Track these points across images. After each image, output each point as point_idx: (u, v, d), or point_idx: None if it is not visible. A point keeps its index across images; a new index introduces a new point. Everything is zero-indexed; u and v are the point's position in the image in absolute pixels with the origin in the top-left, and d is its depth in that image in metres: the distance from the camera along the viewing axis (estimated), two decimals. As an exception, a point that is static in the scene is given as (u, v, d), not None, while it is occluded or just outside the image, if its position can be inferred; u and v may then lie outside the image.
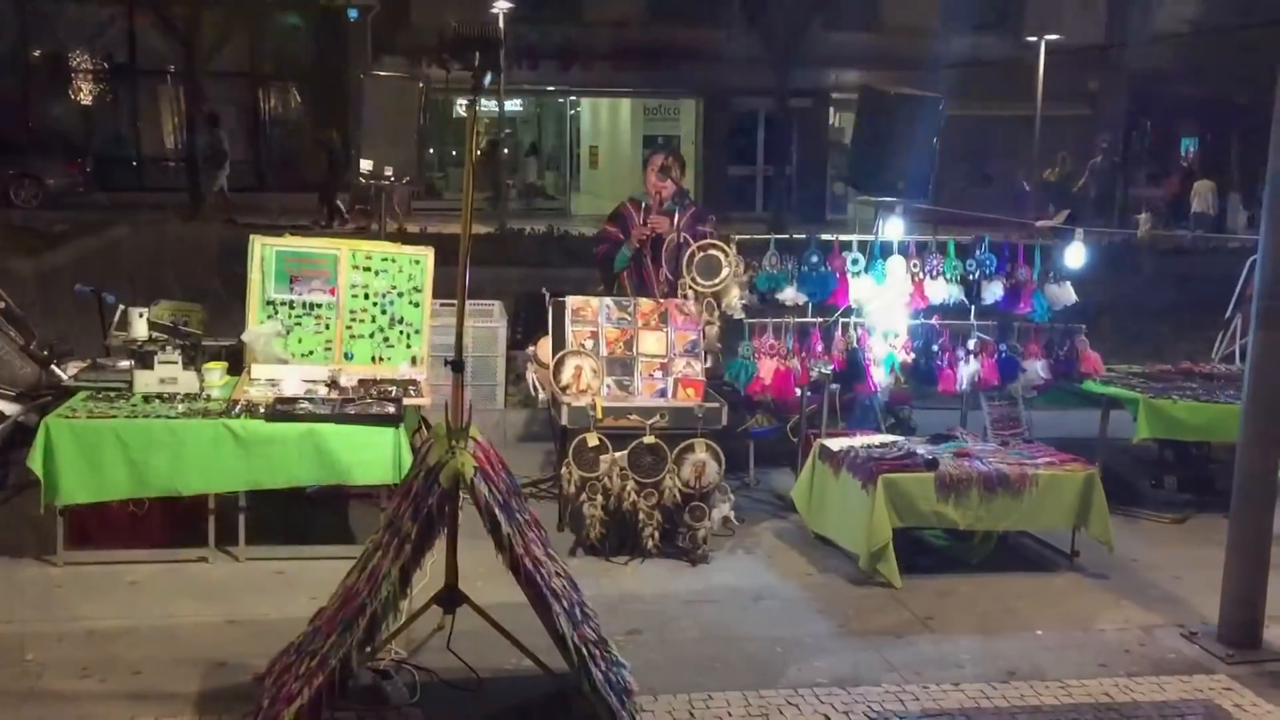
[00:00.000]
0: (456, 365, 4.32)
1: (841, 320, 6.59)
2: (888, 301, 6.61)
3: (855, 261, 6.64)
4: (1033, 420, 7.07)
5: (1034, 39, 27.01)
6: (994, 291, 6.75)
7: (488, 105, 30.47)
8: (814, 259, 6.62)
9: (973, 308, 6.78)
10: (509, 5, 24.10)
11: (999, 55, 27.77)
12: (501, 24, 24.33)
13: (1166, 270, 17.32)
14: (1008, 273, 6.77)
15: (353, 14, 26.19)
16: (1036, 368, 6.69)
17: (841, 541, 6.09)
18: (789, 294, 6.59)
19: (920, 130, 7.07)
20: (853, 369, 6.50)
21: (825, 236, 6.67)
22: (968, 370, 6.60)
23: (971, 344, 6.64)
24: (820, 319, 6.59)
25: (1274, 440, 5.14)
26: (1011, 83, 27.09)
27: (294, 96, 29.14)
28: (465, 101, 4.03)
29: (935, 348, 6.61)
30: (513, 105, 31.24)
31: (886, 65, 29.05)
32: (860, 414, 7.19)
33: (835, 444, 6.28)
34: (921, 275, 6.68)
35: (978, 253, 6.73)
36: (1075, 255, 6.99)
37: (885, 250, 6.69)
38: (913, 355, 6.59)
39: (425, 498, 3.98)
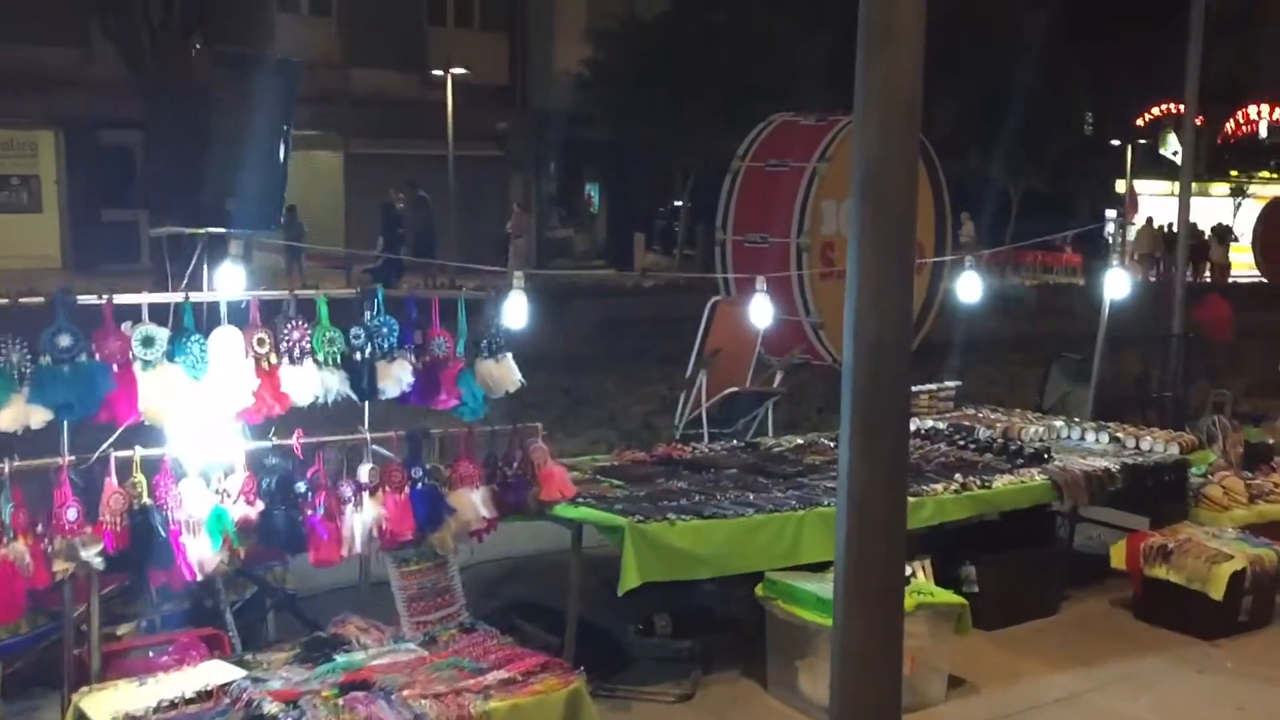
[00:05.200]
0: None
1: (114, 455, 3.57)
2: (211, 409, 3.69)
3: (148, 342, 3.65)
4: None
5: (439, 73, 26.07)
6: (399, 378, 4.08)
7: None
8: (65, 340, 3.55)
9: (366, 406, 4.07)
10: None
11: (404, 92, 26.58)
12: None
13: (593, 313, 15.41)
14: (417, 346, 4.15)
15: None
16: (474, 501, 4.10)
17: None
18: (16, 411, 3.44)
19: (260, 116, 4.25)
20: (144, 544, 3.50)
21: (84, 298, 3.61)
22: (361, 520, 3.85)
23: (365, 473, 3.90)
24: (76, 457, 3.52)
25: (894, 606, 2.91)
26: (420, 121, 26.06)
27: None
28: None
29: (303, 486, 3.79)
30: None
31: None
32: (165, 601, 4.17)
33: (107, 707, 3.25)
34: (276, 358, 3.85)
35: (368, 316, 4.03)
36: (517, 310, 4.60)
37: (208, 317, 3.78)
38: (262, 504, 3.72)
39: None
